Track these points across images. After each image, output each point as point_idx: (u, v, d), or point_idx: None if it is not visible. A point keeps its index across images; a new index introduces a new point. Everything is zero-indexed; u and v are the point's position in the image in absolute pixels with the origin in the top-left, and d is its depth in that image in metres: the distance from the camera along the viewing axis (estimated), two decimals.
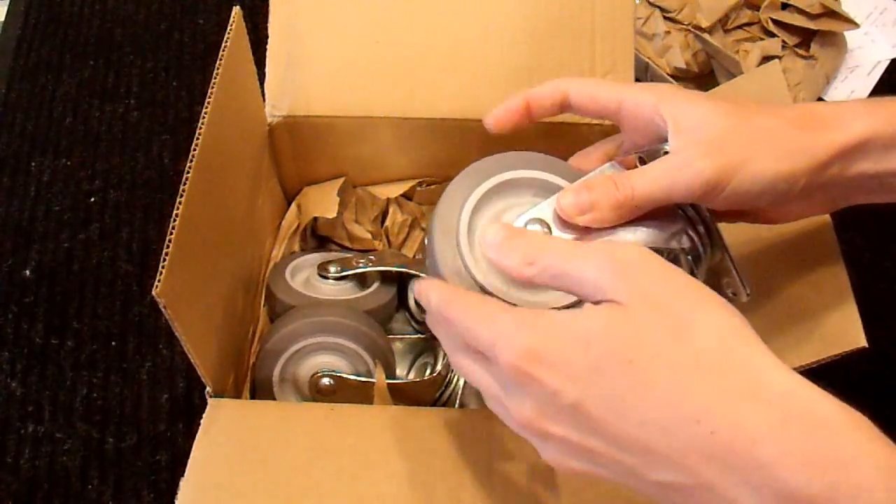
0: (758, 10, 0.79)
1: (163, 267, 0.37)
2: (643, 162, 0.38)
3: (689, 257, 0.38)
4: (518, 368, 0.29)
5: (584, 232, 0.36)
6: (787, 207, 0.40)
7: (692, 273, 0.39)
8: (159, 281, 0.36)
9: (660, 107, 0.37)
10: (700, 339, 0.28)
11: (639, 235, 0.37)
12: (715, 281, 0.40)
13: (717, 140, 0.35)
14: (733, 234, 0.46)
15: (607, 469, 0.29)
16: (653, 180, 0.35)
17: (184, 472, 0.40)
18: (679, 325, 0.28)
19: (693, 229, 0.38)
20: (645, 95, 0.38)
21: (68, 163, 0.73)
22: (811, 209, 0.40)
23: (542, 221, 0.37)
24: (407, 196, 0.65)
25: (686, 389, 0.27)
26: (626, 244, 0.34)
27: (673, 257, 0.41)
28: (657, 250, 0.42)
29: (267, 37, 0.57)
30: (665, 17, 0.79)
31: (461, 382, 0.52)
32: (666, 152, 0.36)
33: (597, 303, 0.30)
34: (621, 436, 0.28)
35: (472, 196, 0.39)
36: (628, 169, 0.38)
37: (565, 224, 0.37)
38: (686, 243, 0.37)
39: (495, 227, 0.35)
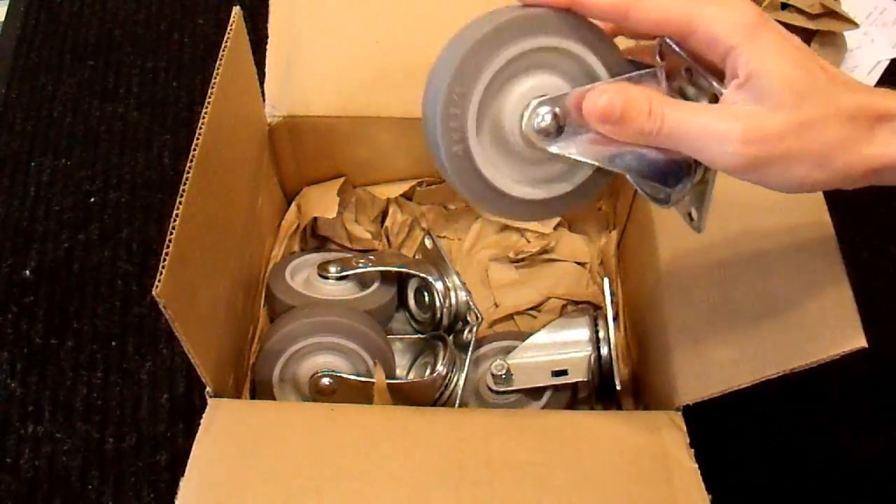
0: None
1: (163, 267, 0.37)
2: (690, 76, 0.35)
3: (677, 193, 0.36)
4: None
5: (598, 136, 0.35)
6: None
7: (670, 196, 0.38)
8: (159, 281, 0.36)
9: (735, 51, 0.33)
10: None
11: (644, 164, 0.35)
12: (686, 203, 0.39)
13: (765, 127, 0.32)
14: (733, 234, 0.46)
15: None
16: (683, 131, 0.33)
17: (184, 472, 0.40)
18: None
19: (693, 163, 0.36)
20: (723, 33, 0.33)
21: (68, 163, 0.73)
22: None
23: (555, 109, 0.34)
24: (407, 196, 0.65)
25: None
26: None
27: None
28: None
29: (267, 37, 0.57)
30: None
31: (461, 382, 0.52)
32: (719, 95, 0.34)
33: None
34: None
35: (491, 66, 0.34)
36: (674, 74, 0.36)
37: (581, 119, 0.35)
38: (682, 181, 0.36)
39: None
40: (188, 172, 0.40)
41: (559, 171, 0.38)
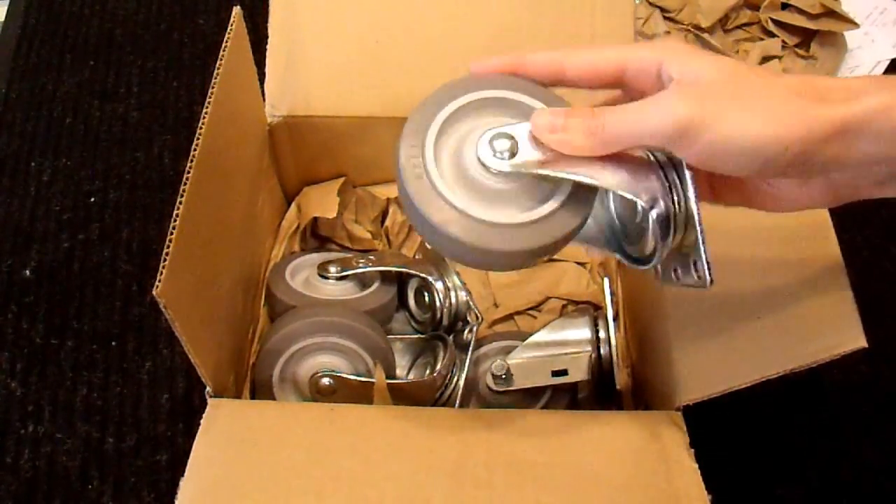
0: (758, 10, 0.79)
1: (163, 267, 0.37)
2: None
3: (658, 223, 0.36)
4: None
5: (553, 157, 0.36)
6: (781, 189, 0.38)
7: (655, 246, 0.37)
8: (159, 281, 0.36)
9: (664, 64, 0.35)
10: None
11: (607, 174, 0.35)
12: (684, 259, 0.38)
13: (704, 88, 0.33)
14: (733, 234, 0.46)
15: None
16: (624, 113, 0.34)
17: (184, 472, 0.40)
18: None
19: (670, 194, 0.36)
20: (648, 54, 0.36)
21: (68, 163, 0.73)
22: (811, 197, 0.38)
23: (510, 136, 0.36)
24: None
25: None
26: None
27: (641, 223, 0.39)
28: (626, 213, 0.40)
29: (267, 37, 0.58)
30: (665, 17, 0.79)
31: (461, 382, 0.52)
32: None
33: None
34: None
35: (444, 110, 0.37)
36: None
37: (536, 143, 0.36)
38: (658, 204, 0.36)
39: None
40: (188, 172, 0.40)
41: (534, 199, 0.38)
